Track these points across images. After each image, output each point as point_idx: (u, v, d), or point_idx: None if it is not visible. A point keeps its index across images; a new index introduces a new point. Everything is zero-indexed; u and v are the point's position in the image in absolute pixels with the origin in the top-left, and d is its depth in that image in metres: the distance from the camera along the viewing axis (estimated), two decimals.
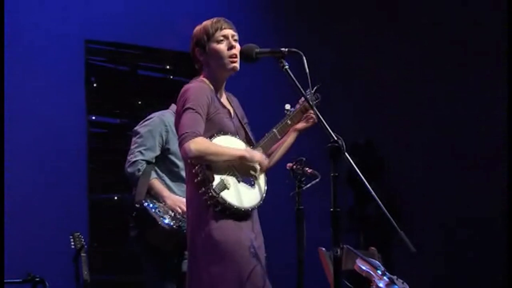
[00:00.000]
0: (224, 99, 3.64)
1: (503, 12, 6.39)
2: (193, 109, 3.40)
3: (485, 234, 6.57)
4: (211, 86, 3.56)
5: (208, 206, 3.36)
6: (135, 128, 4.72)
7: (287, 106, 3.70)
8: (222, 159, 3.38)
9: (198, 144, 3.32)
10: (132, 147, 4.63)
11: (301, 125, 3.73)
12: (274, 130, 3.61)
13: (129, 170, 4.57)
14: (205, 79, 3.57)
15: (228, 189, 3.36)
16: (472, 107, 6.72)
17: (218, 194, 3.33)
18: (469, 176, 6.72)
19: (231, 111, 3.64)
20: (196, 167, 3.37)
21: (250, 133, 3.66)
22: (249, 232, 3.45)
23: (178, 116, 3.46)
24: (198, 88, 3.49)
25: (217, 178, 3.35)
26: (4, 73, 5.62)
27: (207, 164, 3.36)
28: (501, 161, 6.51)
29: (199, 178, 3.35)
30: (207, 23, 3.57)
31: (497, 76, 6.56)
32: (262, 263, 3.43)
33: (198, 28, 3.60)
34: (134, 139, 4.65)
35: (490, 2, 6.63)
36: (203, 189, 3.34)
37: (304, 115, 3.71)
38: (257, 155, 3.47)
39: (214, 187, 3.33)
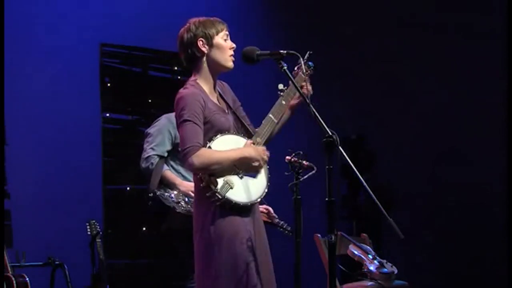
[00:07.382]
0: (216, 97, 3.51)
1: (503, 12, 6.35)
2: (190, 120, 3.31)
3: (468, 220, 6.55)
4: (203, 87, 3.44)
5: (216, 207, 3.31)
6: (146, 130, 4.74)
7: (280, 86, 3.52)
8: (224, 165, 3.29)
9: (200, 157, 3.25)
10: (144, 146, 4.65)
11: (294, 101, 3.55)
12: (270, 115, 3.46)
13: (143, 165, 4.59)
14: (197, 81, 3.45)
15: (232, 188, 3.29)
16: (461, 103, 6.67)
17: (224, 196, 3.26)
18: (454, 166, 6.68)
19: (225, 106, 3.52)
20: (200, 174, 3.31)
21: (245, 121, 3.56)
22: (250, 227, 3.37)
23: (178, 126, 3.39)
24: (191, 94, 3.36)
25: (220, 181, 3.28)
26: (28, 75, 5.73)
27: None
28: (487, 152, 6.50)
29: (203, 184, 3.29)
30: (213, 19, 3.51)
31: (484, 73, 6.54)
32: (260, 257, 3.35)
33: (204, 20, 3.51)
34: (145, 139, 4.68)
35: (490, 2, 6.56)
36: (209, 193, 3.28)
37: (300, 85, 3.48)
38: (256, 151, 3.38)
39: (219, 190, 3.26)
